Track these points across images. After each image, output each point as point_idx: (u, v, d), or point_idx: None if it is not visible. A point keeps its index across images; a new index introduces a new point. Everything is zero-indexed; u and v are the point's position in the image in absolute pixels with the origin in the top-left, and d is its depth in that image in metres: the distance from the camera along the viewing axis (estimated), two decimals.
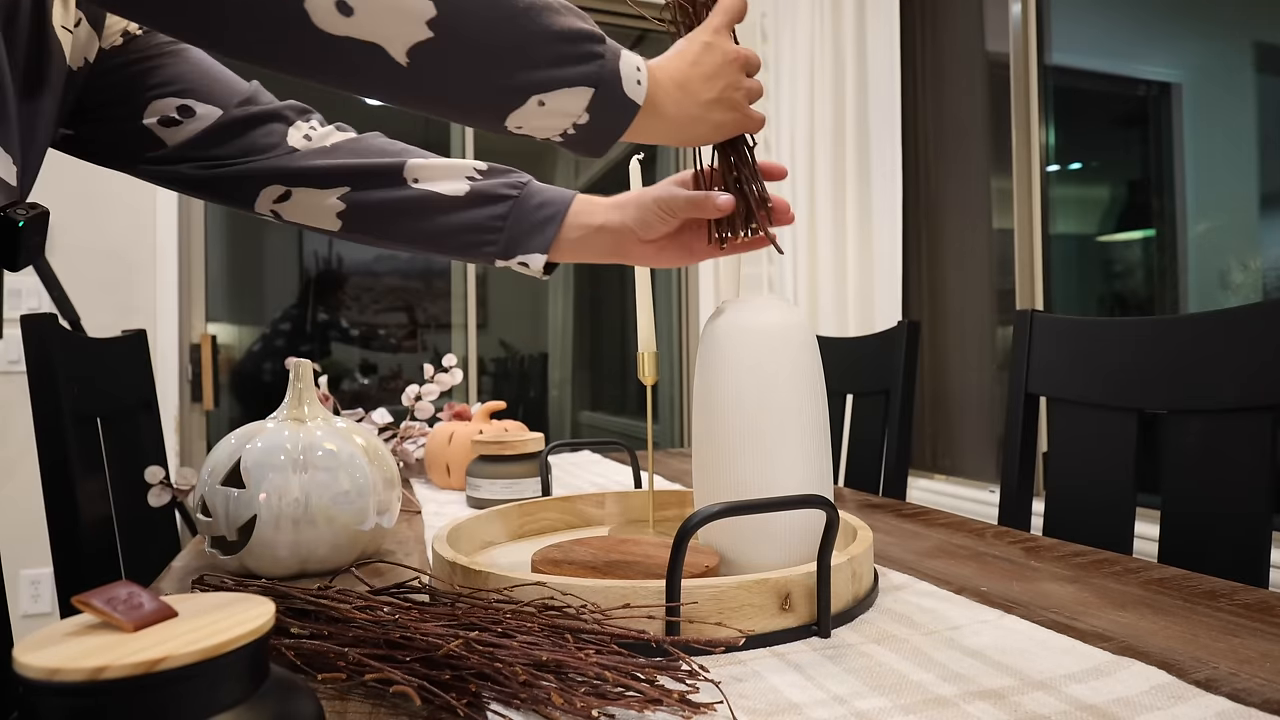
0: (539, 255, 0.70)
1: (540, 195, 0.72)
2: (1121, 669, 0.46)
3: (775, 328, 0.63)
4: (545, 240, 0.70)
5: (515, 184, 0.71)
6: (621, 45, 0.55)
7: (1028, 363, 1.05)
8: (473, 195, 0.70)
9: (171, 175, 0.69)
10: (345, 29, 0.44)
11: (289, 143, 0.70)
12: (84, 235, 2.12)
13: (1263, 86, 1.50)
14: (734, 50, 0.61)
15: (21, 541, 2.01)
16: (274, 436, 0.70)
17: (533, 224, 0.70)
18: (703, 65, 0.59)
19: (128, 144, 0.68)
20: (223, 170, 0.69)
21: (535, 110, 0.51)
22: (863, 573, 0.58)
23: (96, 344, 1.11)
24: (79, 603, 0.29)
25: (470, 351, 2.68)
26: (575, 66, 0.51)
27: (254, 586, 0.54)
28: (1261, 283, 1.48)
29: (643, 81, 0.55)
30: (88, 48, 0.63)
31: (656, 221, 0.68)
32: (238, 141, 0.69)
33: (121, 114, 0.67)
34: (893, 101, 2.03)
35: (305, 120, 0.72)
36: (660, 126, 0.58)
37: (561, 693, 0.39)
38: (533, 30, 0.49)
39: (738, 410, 0.61)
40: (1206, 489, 0.82)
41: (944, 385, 2.13)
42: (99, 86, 0.66)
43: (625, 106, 0.54)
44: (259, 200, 0.70)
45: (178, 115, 0.67)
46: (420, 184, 0.70)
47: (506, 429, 1.17)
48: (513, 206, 0.70)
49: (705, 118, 0.59)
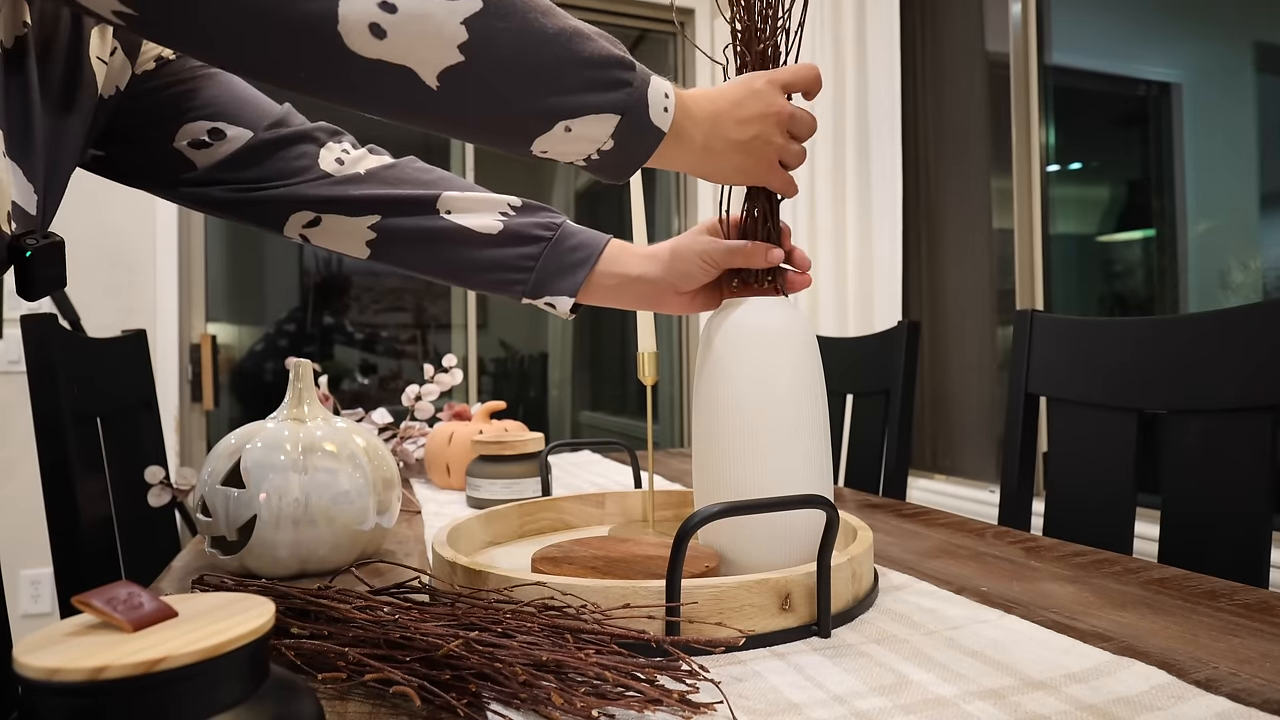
0: (567, 298, 0.70)
1: (574, 238, 0.71)
2: (1121, 669, 0.46)
3: (776, 328, 0.63)
4: (575, 283, 0.70)
5: (550, 224, 0.71)
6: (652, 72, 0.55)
7: (1028, 363, 1.05)
8: (506, 234, 0.69)
9: (202, 198, 0.69)
10: (377, 52, 0.44)
11: (321, 166, 0.70)
12: (84, 235, 2.12)
13: (1263, 86, 1.50)
14: (780, 105, 0.60)
15: (21, 541, 2.01)
16: (274, 436, 0.70)
17: (563, 266, 0.70)
18: (743, 108, 0.59)
19: (158, 166, 0.68)
20: (253, 194, 0.69)
21: (561, 135, 0.51)
22: (863, 573, 0.58)
23: (96, 344, 1.11)
24: (79, 603, 0.29)
25: (470, 351, 2.68)
26: (604, 93, 0.51)
27: (254, 586, 0.54)
28: (1261, 283, 1.48)
29: (670, 109, 0.55)
30: (120, 76, 0.63)
31: (699, 273, 0.68)
32: (268, 164, 0.69)
33: (152, 137, 0.67)
34: (893, 101, 2.03)
35: (337, 142, 0.72)
36: (685, 156, 0.58)
37: (561, 693, 0.39)
38: (563, 56, 0.49)
39: (738, 410, 0.61)
40: (1206, 489, 0.82)
41: (944, 385, 2.13)
42: (130, 110, 0.65)
43: (650, 133, 0.54)
44: (288, 224, 0.70)
45: (208, 138, 0.67)
46: (453, 216, 0.69)
47: (506, 429, 1.17)
48: (545, 247, 0.70)
49: (729, 156, 0.59)
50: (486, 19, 0.46)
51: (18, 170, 0.52)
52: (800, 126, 0.61)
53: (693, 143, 0.57)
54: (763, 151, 0.60)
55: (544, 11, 0.49)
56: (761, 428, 0.61)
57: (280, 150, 0.69)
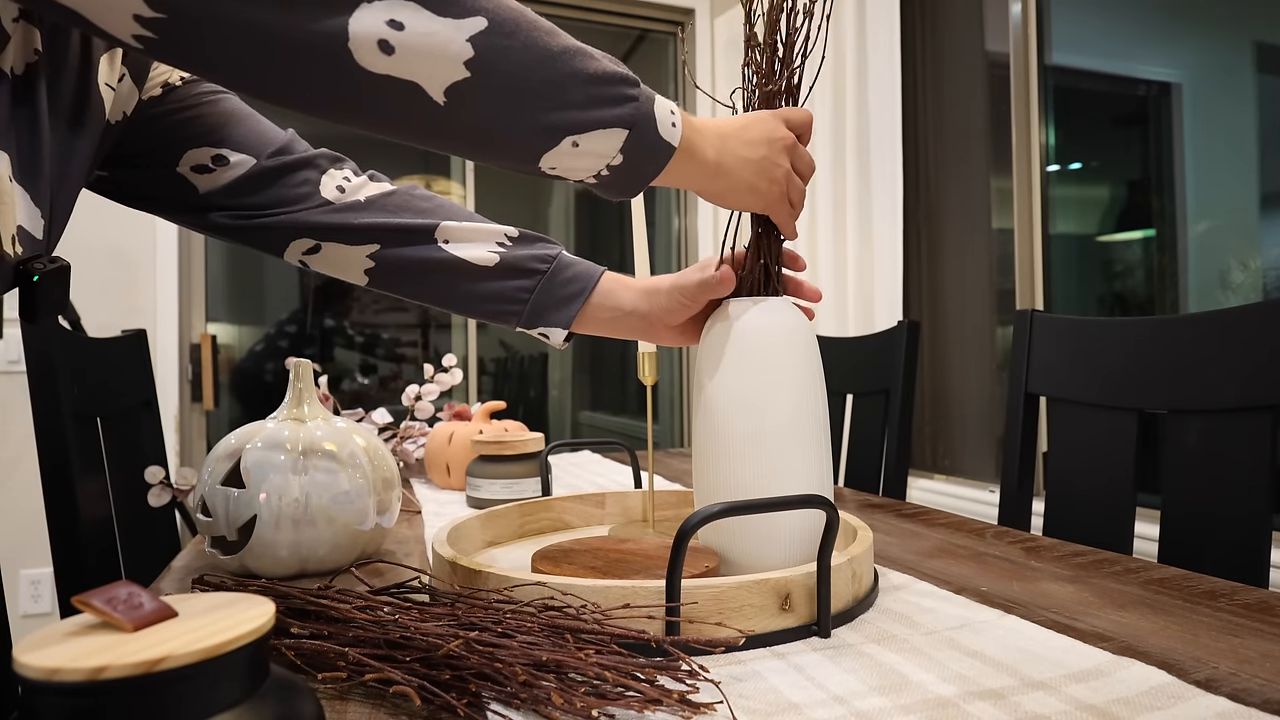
0: (560, 330, 0.73)
1: (568, 270, 0.73)
2: (1121, 669, 0.46)
3: (776, 328, 0.63)
4: (568, 316, 0.72)
5: (545, 257, 0.72)
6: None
7: (1028, 363, 1.05)
8: (502, 266, 0.71)
9: (205, 223, 0.70)
10: (385, 68, 0.45)
11: (322, 193, 0.70)
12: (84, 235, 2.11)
13: (1263, 86, 1.50)
14: (784, 132, 0.62)
15: (21, 541, 2.01)
16: (274, 436, 0.70)
17: (557, 299, 0.72)
18: (750, 130, 0.60)
19: (161, 190, 0.69)
20: (255, 221, 0.69)
21: (569, 151, 0.52)
22: (863, 573, 0.58)
23: (96, 344, 1.11)
24: (79, 603, 0.29)
25: (470, 351, 2.68)
26: (609, 109, 0.51)
27: (254, 586, 0.54)
28: (1261, 283, 1.48)
29: (677, 124, 0.55)
30: (127, 102, 0.64)
31: (679, 309, 0.70)
32: (270, 191, 0.69)
33: (157, 161, 0.68)
34: (893, 101, 2.03)
35: (338, 169, 0.72)
36: (697, 171, 0.58)
37: (561, 693, 0.39)
38: (567, 72, 0.49)
39: (738, 411, 0.61)
40: (1206, 489, 0.82)
41: (944, 385, 2.13)
42: (136, 135, 0.66)
43: (660, 148, 0.54)
44: (289, 250, 0.71)
45: (212, 164, 0.68)
46: (450, 246, 0.70)
47: (506, 429, 1.17)
48: (540, 280, 0.72)
49: (742, 174, 0.60)
50: (492, 36, 0.46)
51: (25, 194, 0.52)
52: (802, 158, 0.64)
53: (705, 159, 0.58)
54: (773, 174, 0.61)
55: (548, 31, 0.49)
56: (762, 428, 0.61)
57: (282, 177, 0.70)
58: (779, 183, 0.62)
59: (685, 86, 2.92)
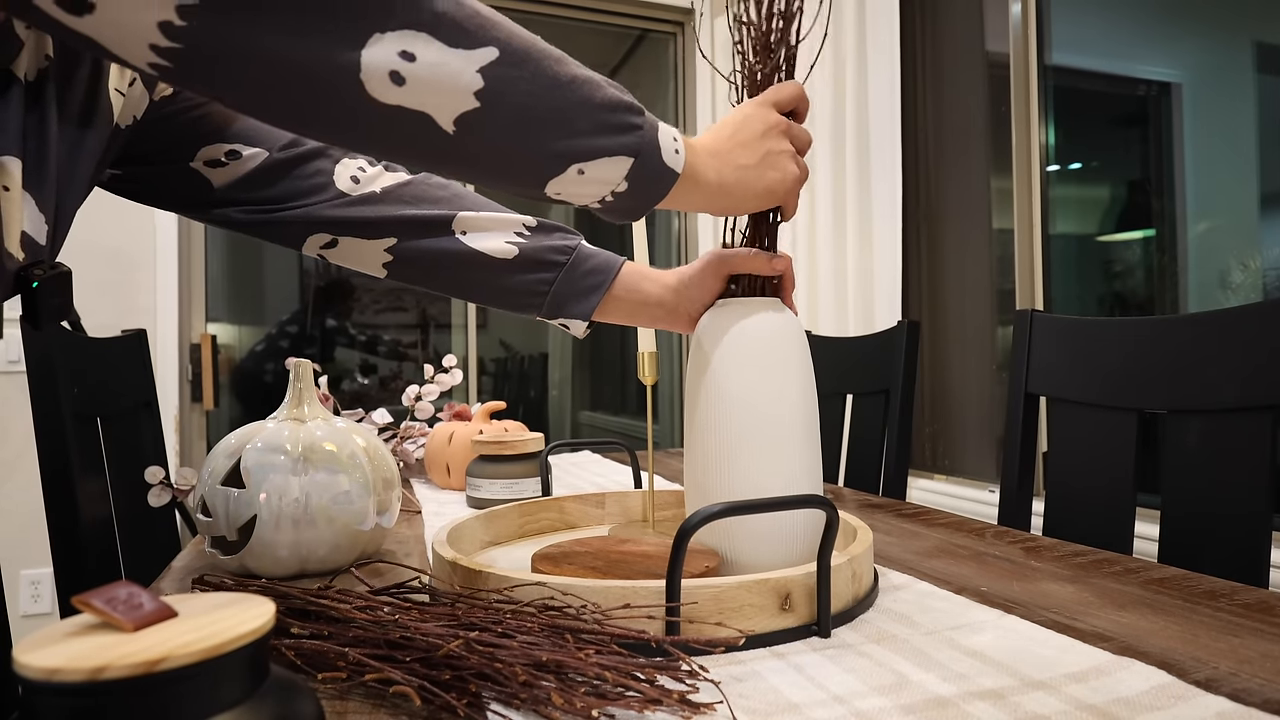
0: (581, 321, 0.73)
1: (589, 261, 0.73)
2: (1121, 669, 0.46)
3: (765, 328, 0.63)
4: (589, 307, 0.73)
5: (565, 248, 0.72)
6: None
7: (1028, 363, 1.05)
8: (521, 259, 0.71)
9: (222, 218, 0.70)
10: (397, 98, 0.45)
11: (337, 185, 0.70)
12: (84, 235, 2.11)
13: (1263, 86, 1.50)
14: (775, 118, 0.61)
15: (21, 541, 2.01)
16: (274, 436, 0.70)
17: (578, 290, 0.73)
18: (742, 132, 0.60)
19: (176, 186, 0.69)
20: (271, 215, 0.69)
21: (574, 178, 0.52)
22: (863, 573, 0.58)
23: (96, 344, 1.11)
24: (79, 603, 0.29)
25: (470, 351, 2.68)
26: (616, 136, 0.52)
27: (254, 586, 0.54)
28: (1261, 283, 1.48)
29: (680, 151, 0.56)
30: (138, 106, 0.64)
31: (708, 296, 0.70)
32: (284, 183, 0.70)
33: (170, 158, 0.68)
34: (893, 101, 2.03)
35: (353, 157, 0.72)
36: (699, 194, 0.58)
37: (561, 693, 0.39)
38: (574, 101, 0.50)
39: (728, 411, 0.61)
40: (1206, 489, 0.82)
41: (944, 385, 2.13)
42: (148, 134, 0.66)
43: (664, 175, 0.55)
44: (307, 244, 0.71)
45: (224, 159, 0.68)
46: (468, 236, 0.71)
47: (506, 429, 1.17)
48: (560, 272, 0.72)
49: (746, 184, 0.60)
50: (502, 67, 0.46)
51: (31, 201, 0.52)
52: (799, 136, 0.63)
53: (708, 183, 0.58)
54: (778, 165, 0.61)
55: (557, 60, 0.50)
56: (750, 427, 0.61)
57: (295, 168, 0.70)
58: (786, 170, 0.62)
59: (685, 86, 2.92)
